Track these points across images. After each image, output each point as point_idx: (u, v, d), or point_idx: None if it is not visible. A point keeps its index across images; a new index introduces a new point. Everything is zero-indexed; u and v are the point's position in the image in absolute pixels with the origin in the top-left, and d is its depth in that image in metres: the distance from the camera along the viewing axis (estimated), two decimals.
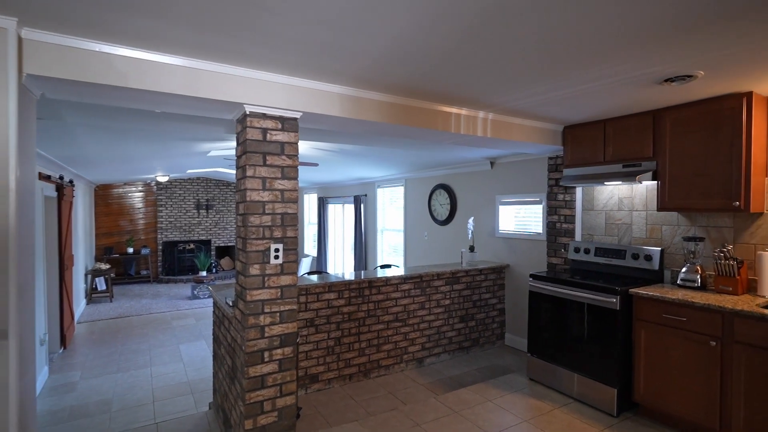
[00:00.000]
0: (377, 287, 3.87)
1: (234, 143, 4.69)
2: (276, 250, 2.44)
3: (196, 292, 7.98)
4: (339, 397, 3.42)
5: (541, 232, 4.47)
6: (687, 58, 2.11)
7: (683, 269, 3.10)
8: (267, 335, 2.43)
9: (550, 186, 4.20)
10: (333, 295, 3.63)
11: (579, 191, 3.99)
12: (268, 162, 2.43)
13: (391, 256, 7.26)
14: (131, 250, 9.59)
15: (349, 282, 3.70)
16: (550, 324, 3.52)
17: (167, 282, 9.74)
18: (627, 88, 2.61)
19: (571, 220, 4.02)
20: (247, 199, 2.38)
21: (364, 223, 7.77)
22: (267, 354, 2.43)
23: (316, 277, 3.81)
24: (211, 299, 6.76)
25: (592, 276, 3.48)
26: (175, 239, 10.22)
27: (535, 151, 4.12)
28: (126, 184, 9.75)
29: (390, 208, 7.34)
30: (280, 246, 2.46)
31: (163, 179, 8.49)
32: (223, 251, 10.84)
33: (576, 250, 3.88)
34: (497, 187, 5.05)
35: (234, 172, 7.77)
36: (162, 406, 3.57)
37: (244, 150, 2.42)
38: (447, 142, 3.51)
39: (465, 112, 3.18)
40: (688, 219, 3.25)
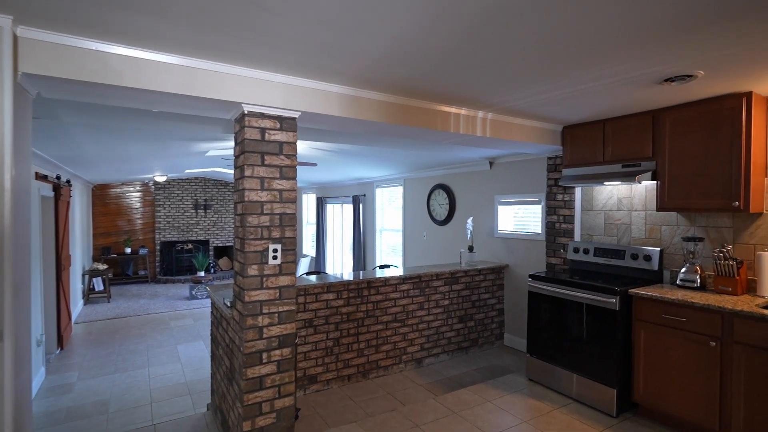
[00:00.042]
0: (376, 287, 3.86)
1: (232, 143, 4.67)
2: (274, 250, 2.43)
3: (194, 292, 7.95)
4: (338, 398, 3.40)
5: (540, 232, 4.46)
6: (687, 57, 2.11)
7: (682, 269, 3.10)
8: (265, 336, 2.42)
9: (549, 186, 4.20)
10: (332, 296, 3.62)
11: (578, 191, 3.98)
12: (266, 162, 2.41)
13: (390, 256, 7.25)
14: (129, 250, 9.55)
15: (348, 282, 3.69)
16: (549, 324, 3.51)
17: (165, 282, 9.71)
18: (627, 87, 2.61)
19: (570, 220, 4.02)
20: (246, 199, 2.36)
21: (362, 223, 7.76)
22: (265, 355, 2.42)
23: (314, 278, 3.80)
24: (209, 299, 6.74)
25: (591, 276, 3.48)
26: (173, 239, 10.19)
27: (535, 151, 4.11)
28: (124, 184, 9.71)
29: (389, 208, 7.32)
30: (278, 246, 2.44)
31: (161, 179, 8.46)
32: (222, 251, 10.82)
33: (575, 250, 3.87)
34: (496, 187, 5.04)
35: (232, 172, 7.75)
36: (159, 407, 3.55)
37: (242, 150, 2.41)
38: (446, 142, 3.50)
39: (464, 111, 3.17)
40: (687, 219, 3.25)
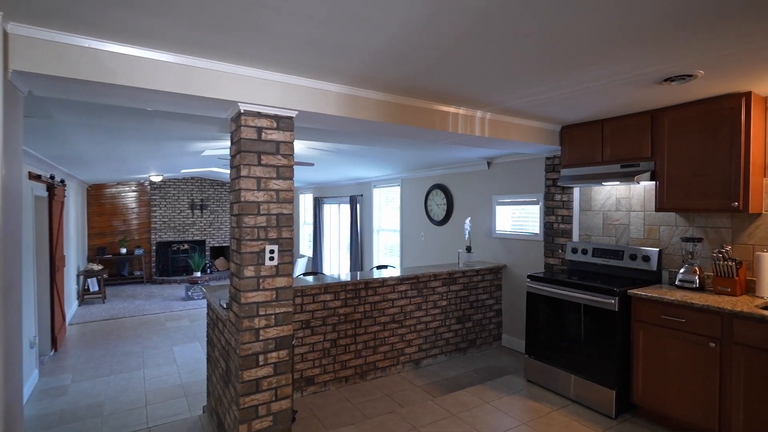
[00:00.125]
0: (374, 288, 3.83)
1: (228, 142, 4.63)
2: (271, 251, 2.39)
3: (190, 293, 7.90)
4: (335, 400, 3.38)
5: (538, 232, 4.45)
6: (687, 57, 2.10)
7: (681, 270, 3.09)
8: (262, 338, 2.39)
9: (547, 186, 4.18)
10: (329, 297, 3.59)
11: (576, 191, 3.97)
12: (263, 162, 2.38)
13: (387, 256, 7.22)
14: (124, 250, 9.49)
15: (346, 283, 3.66)
16: (547, 325, 3.50)
17: (161, 283, 9.64)
18: (627, 87, 2.59)
19: (569, 220, 4.00)
20: (242, 200, 2.33)
21: (360, 224, 7.73)
22: (262, 357, 2.39)
23: (311, 278, 3.77)
24: (206, 300, 6.68)
25: (589, 277, 3.47)
26: (169, 239, 10.12)
27: (533, 151, 4.10)
28: (119, 183, 9.64)
29: (386, 208, 7.30)
30: (275, 247, 2.41)
31: (157, 179, 8.40)
32: (218, 252, 10.76)
33: (573, 250, 3.86)
34: (494, 188, 5.03)
35: (228, 171, 7.70)
36: (155, 409, 3.52)
37: (238, 149, 2.37)
38: (445, 141, 3.47)
39: (463, 111, 3.15)
40: (686, 219, 3.24)
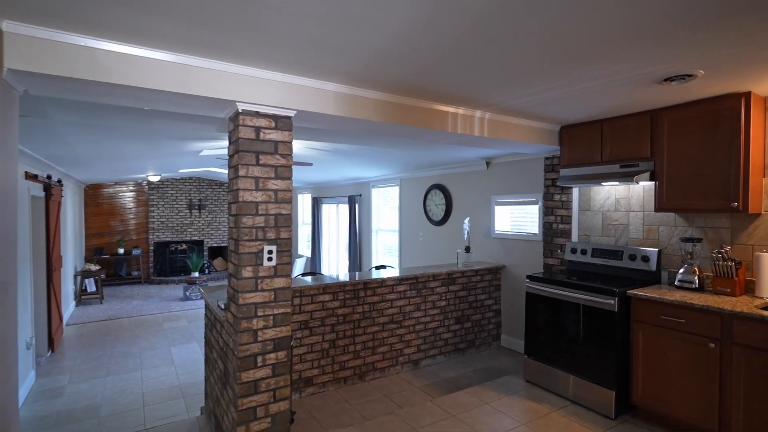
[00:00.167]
0: (372, 289, 3.82)
1: (226, 142, 4.61)
2: (269, 251, 2.38)
3: (188, 293, 7.87)
4: (334, 401, 3.36)
5: (537, 232, 4.44)
6: (687, 57, 2.09)
7: (681, 270, 3.09)
8: (260, 339, 2.37)
9: (546, 186, 4.18)
10: (328, 297, 3.57)
11: (576, 192, 3.96)
12: (261, 161, 2.37)
13: (386, 256, 7.21)
14: (122, 250, 9.45)
15: (344, 283, 3.65)
16: (547, 326, 3.49)
17: (159, 283, 9.61)
18: (626, 87, 2.59)
19: (568, 220, 4.00)
20: (240, 200, 2.31)
21: (358, 224, 7.72)
22: (260, 359, 2.37)
23: (310, 279, 3.75)
24: (204, 301, 6.65)
25: (589, 277, 3.46)
26: (167, 240, 10.09)
27: (532, 151, 4.09)
28: (117, 183, 9.61)
29: (385, 208, 7.29)
30: (273, 248, 2.39)
31: (155, 179, 8.37)
32: (216, 252, 10.73)
33: (573, 250, 3.85)
34: (493, 188, 5.02)
35: (227, 171, 7.68)
36: (152, 410, 3.50)
37: (236, 149, 2.36)
38: (444, 141, 3.46)
39: (462, 111, 3.14)
40: (685, 220, 3.23)
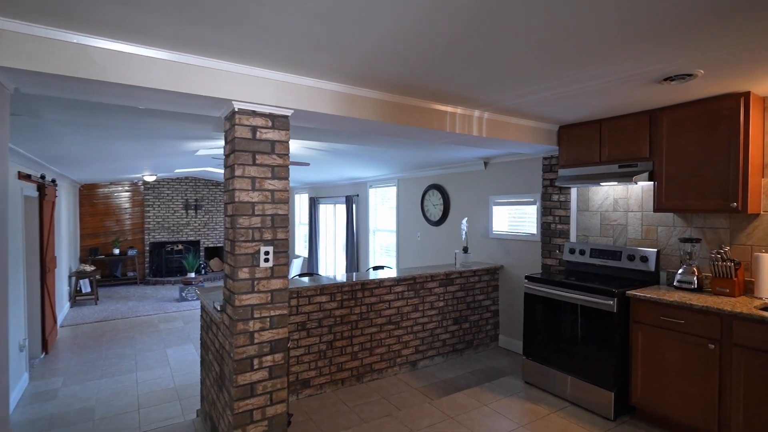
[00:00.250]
0: (370, 289, 3.79)
1: (222, 142, 4.57)
2: (266, 252, 2.35)
3: (184, 294, 7.82)
4: (331, 403, 3.33)
5: (535, 233, 4.43)
6: (687, 56, 2.08)
7: (679, 271, 3.08)
8: (257, 341, 2.34)
9: (544, 186, 4.16)
10: (325, 298, 3.54)
11: (574, 192, 3.95)
12: (257, 161, 2.34)
13: (383, 257, 7.18)
14: (117, 251, 9.38)
15: (342, 284, 3.62)
16: (545, 326, 3.47)
17: (155, 284, 9.54)
18: (626, 86, 2.57)
19: (566, 220, 3.98)
20: (236, 200, 2.28)
21: (355, 224, 7.69)
22: (257, 361, 2.34)
23: (307, 280, 3.72)
24: (200, 301, 6.60)
25: (587, 278, 3.44)
26: (163, 240, 10.02)
27: (530, 151, 4.08)
28: (112, 183, 9.53)
29: (382, 208, 7.26)
30: (270, 248, 2.36)
31: (151, 179, 8.31)
32: (213, 252, 10.67)
33: (571, 251, 3.84)
34: (491, 188, 5.00)
35: (223, 171, 7.62)
36: (147, 413, 3.46)
37: (232, 149, 2.33)
38: (442, 141, 3.44)
39: (460, 111, 3.12)
40: (683, 220, 3.23)
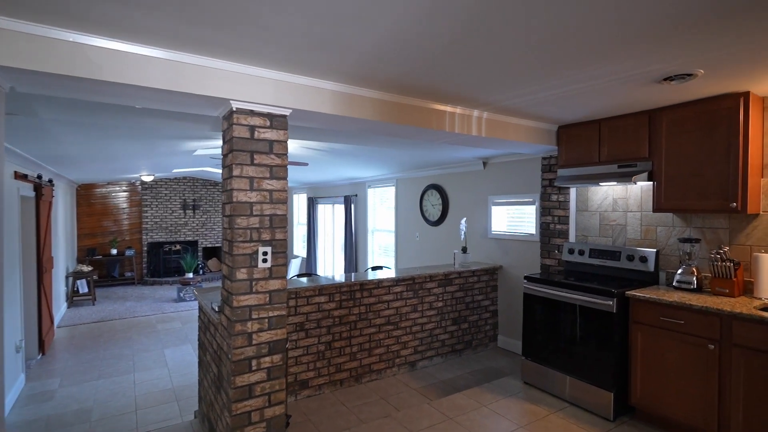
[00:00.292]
0: (369, 290, 3.78)
1: (220, 142, 4.55)
2: (264, 253, 2.33)
3: (182, 294, 7.79)
4: (330, 404, 3.32)
5: (534, 233, 4.42)
6: (687, 56, 2.07)
7: (679, 271, 3.07)
8: (255, 342, 2.32)
9: (543, 186, 4.15)
10: (323, 299, 3.53)
11: (573, 192, 3.95)
12: (255, 161, 2.32)
13: (382, 257, 7.17)
14: (115, 251, 9.34)
15: (340, 284, 3.60)
16: (545, 327, 3.46)
17: (152, 284, 9.51)
18: (626, 86, 2.57)
19: (565, 221, 3.98)
20: (234, 200, 2.27)
21: (354, 224, 7.67)
22: (255, 362, 2.33)
23: (306, 280, 3.70)
24: (198, 302, 6.58)
25: (586, 278, 3.44)
26: (161, 240, 9.99)
27: (529, 151, 4.07)
28: (110, 183, 9.49)
29: (381, 208, 7.25)
30: (268, 249, 2.35)
31: (148, 179, 8.28)
32: (211, 252, 10.64)
33: (570, 251, 3.83)
34: (490, 188, 4.99)
35: (221, 171, 7.60)
36: (145, 414, 3.44)
37: (230, 148, 2.31)
38: (441, 141, 3.43)
39: (460, 110, 3.10)
40: (683, 220, 3.22)
